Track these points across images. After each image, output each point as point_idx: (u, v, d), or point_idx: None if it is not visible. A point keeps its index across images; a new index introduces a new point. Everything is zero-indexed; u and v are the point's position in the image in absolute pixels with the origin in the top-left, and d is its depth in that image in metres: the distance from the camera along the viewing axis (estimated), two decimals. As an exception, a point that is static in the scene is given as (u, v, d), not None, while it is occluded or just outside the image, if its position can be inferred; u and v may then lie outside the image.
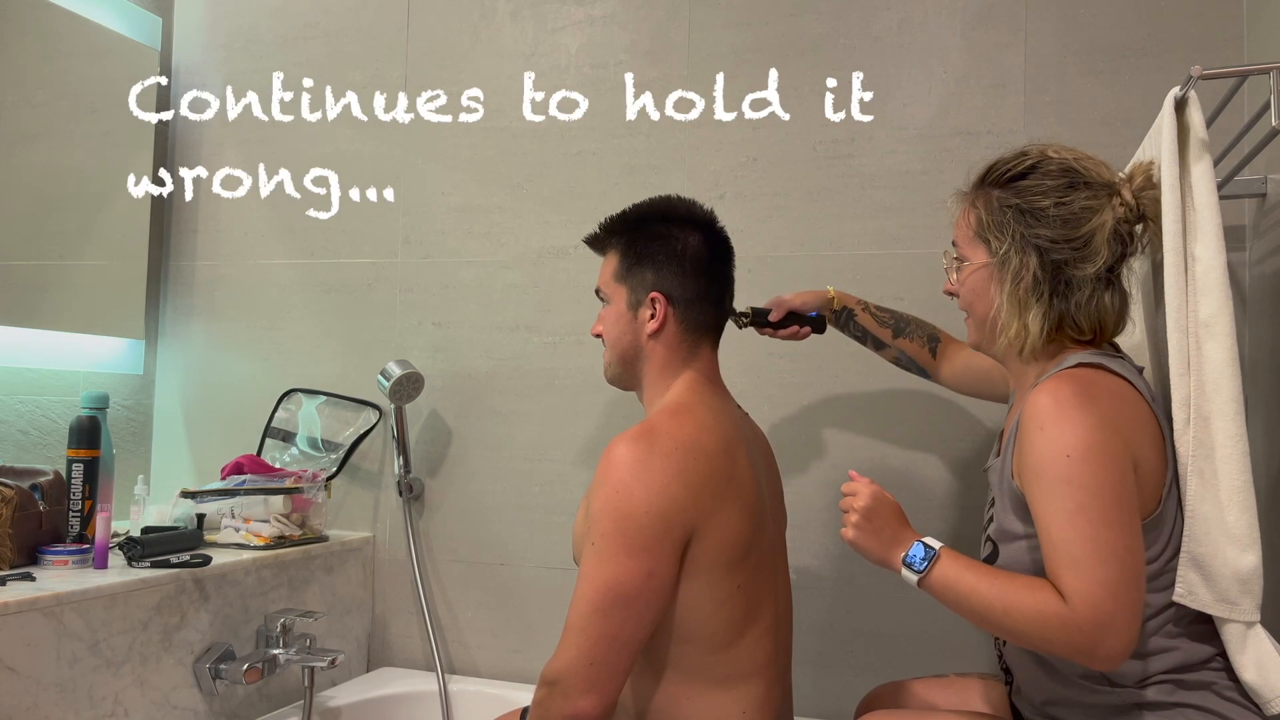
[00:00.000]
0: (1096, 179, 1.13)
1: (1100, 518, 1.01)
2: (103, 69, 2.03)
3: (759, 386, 1.83)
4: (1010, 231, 1.14)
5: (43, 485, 1.57)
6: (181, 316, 2.24)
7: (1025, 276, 1.14)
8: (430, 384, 2.03)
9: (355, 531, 2.07)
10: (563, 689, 1.14)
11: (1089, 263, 1.12)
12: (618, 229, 1.38)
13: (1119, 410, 1.06)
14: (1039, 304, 1.13)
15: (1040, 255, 1.13)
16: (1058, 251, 1.12)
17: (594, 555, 1.16)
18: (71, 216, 1.97)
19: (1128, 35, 1.67)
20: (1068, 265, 1.12)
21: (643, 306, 1.32)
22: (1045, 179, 1.14)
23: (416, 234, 2.08)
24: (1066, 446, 1.03)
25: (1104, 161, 1.16)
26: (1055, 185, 1.13)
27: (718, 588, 1.21)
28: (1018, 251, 1.14)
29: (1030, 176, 1.15)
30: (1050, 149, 1.16)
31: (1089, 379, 1.08)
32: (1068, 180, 1.13)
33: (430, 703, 1.88)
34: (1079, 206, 1.12)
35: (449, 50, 2.08)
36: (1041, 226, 1.13)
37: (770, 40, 1.86)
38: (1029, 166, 1.15)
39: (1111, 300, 1.14)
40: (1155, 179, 1.13)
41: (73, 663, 1.38)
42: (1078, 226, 1.12)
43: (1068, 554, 1.01)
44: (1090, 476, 1.02)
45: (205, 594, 1.61)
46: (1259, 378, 1.53)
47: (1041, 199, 1.13)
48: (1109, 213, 1.12)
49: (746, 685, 1.24)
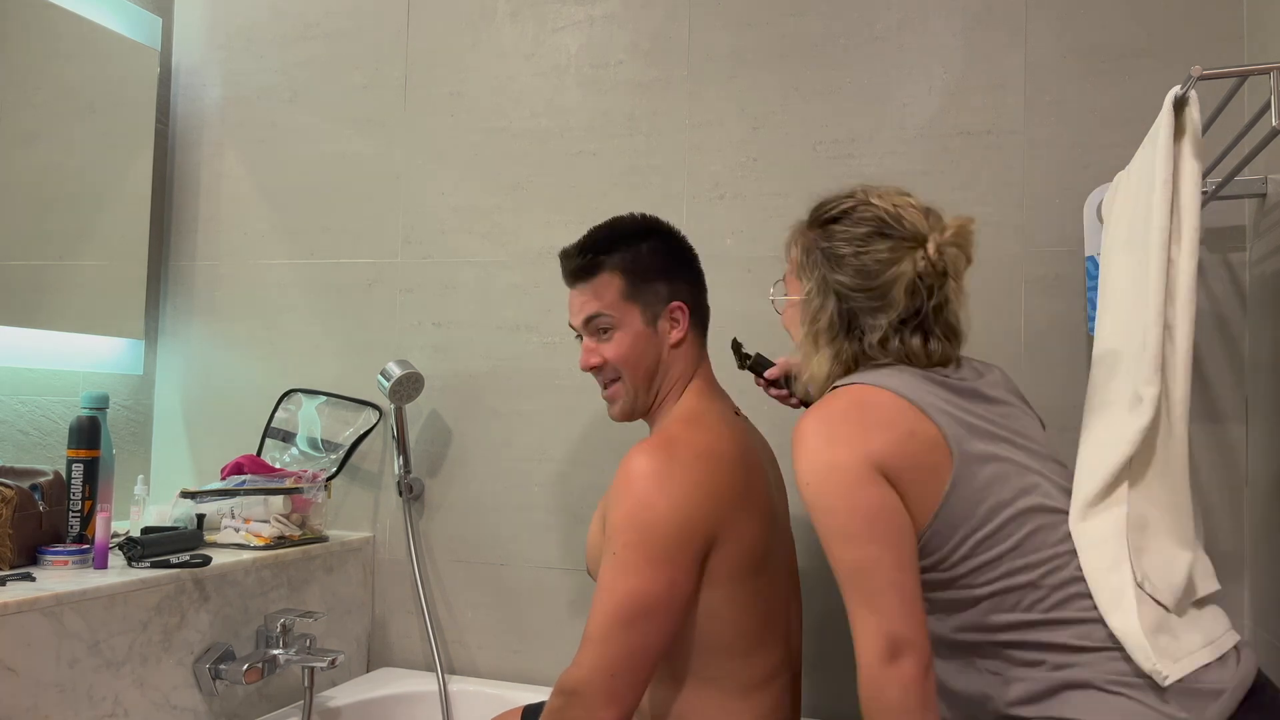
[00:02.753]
0: (905, 230, 1.14)
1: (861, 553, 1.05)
2: (103, 69, 2.03)
3: (757, 389, 1.82)
4: (815, 275, 1.18)
5: (43, 485, 1.57)
6: (181, 316, 2.24)
7: (822, 318, 1.17)
8: (430, 384, 2.03)
9: (355, 532, 2.07)
10: (583, 700, 1.13)
11: (884, 312, 1.14)
12: (606, 249, 1.34)
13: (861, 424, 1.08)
14: (829, 346, 1.17)
15: (839, 301, 1.16)
16: (854, 300, 1.15)
17: (615, 566, 1.16)
18: (71, 216, 1.97)
19: (1128, 35, 1.67)
20: (864, 313, 1.15)
21: (662, 319, 1.32)
22: (853, 226, 1.16)
23: (416, 234, 2.08)
24: (805, 477, 1.07)
25: (933, 211, 1.17)
26: (859, 234, 1.15)
27: (736, 596, 1.21)
28: (819, 294, 1.17)
29: (841, 222, 1.17)
30: (875, 195, 1.17)
31: (828, 401, 1.12)
32: (873, 229, 1.15)
33: (430, 703, 1.88)
34: (877, 258, 1.14)
35: (449, 50, 2.08)
36: (841, 273, 1.15)
37: (770, 40, 1.86)
38: (842, 211, 1.18)
39: (922, 343, 1.15)
40: (966, 233, 1.15)
41: (73, 663, 1.38)
42: (874, 277, 1.14)
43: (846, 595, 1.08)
44: (830, 498, 1.06)
45: (205, 594, 1.61)
46: (1259, 378, 1.53)
47: (844, 246, 1.16)
48: (908, 264, 1.13)
49: (762, 692, 1.24)
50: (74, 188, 1.97)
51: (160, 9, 2.22)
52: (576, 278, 1.36)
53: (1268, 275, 1.49)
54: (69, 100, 1.95)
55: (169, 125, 2.26)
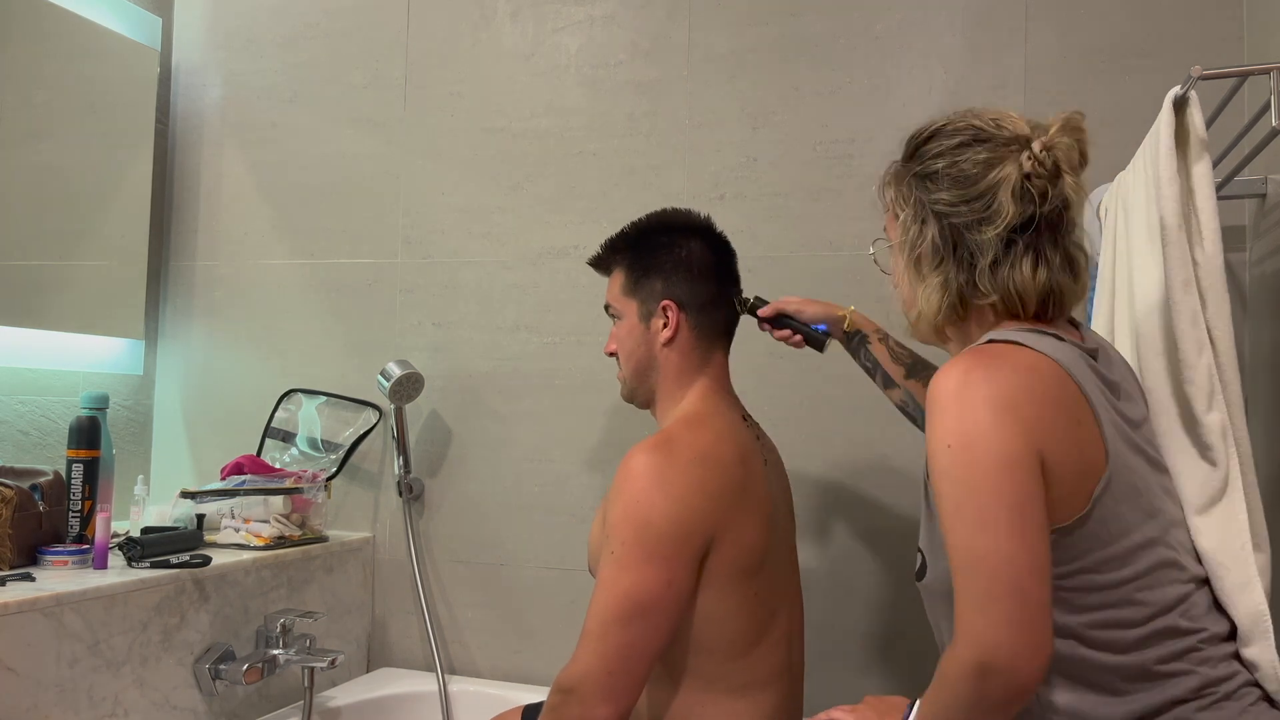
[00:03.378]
0: (1005, 134, 1.02)
1: (975, 518, 0.87)
2: (103, 69, 2.03)
3: (761, 386, 1.82)
4: (911, 201, 1.06)
5: (42, 485, 1.57)
6: (181, 317, 2.24)
7: (922, 245, 1.04)
8: (430, 384, 2.02)
9: (355, 532, 2.07)
10: (580, 697, 1.14)
11: (990, 224, 1.00)
12: (620, 246, 1.39)
13: (1026, 389, 0.92)
14: (936, 273, 1.03)
15: (939, 221, 1.03)
16: (956, 215, 1.02)
17: (613, 564, 1.16)
18: (71, 216, 1.96)
19: (1128, 35, 1.67)
20: (968, 230, 1.01)
21: (655, 316, 1.33)
22: (944, 140, 1.05)
23: (416, 234, 2.08)
24: (947, 436, 0.91)
25: (1027, 119, 1.04)
26: (951, 145, 1.04)
27: (734, 596, 1.21)
28: (916, 219, 1.05)
29: (934, 140, 1.06)
30: (972, 112, 1.06)
31: (992, 354, 0.95)
32: (965, 138, 1.03)
33: (430, 703, 1.88)
34: (974, 162, 1.01)
35: (449, 50, 2.08)
36: (938, 190, 1.03)
37: (770, 40, 1.86)
38: (935, 130, 1.06)
39: (1032, 269, 1.00)
40: (1076, 124, 1.02)
41: (72, 663, 1.38)
42: (974, 184, 1.01)
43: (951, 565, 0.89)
44: (965, 470, 0.89)
45: (205, 594, 1.61)
46: (1259, 378, 1.52)
47: (936, 161, 1.04)
48: (1012, 167, 1.00)
49: (761, 694, 1.24)
50: (74, 188, 1.97)
51: (160, 9, 2.22)
52: (597, 271, 1.43)
53: (1268, 275, 1.49)
54: (69, 100, 1.95)
55: (169, 125, 2.26)
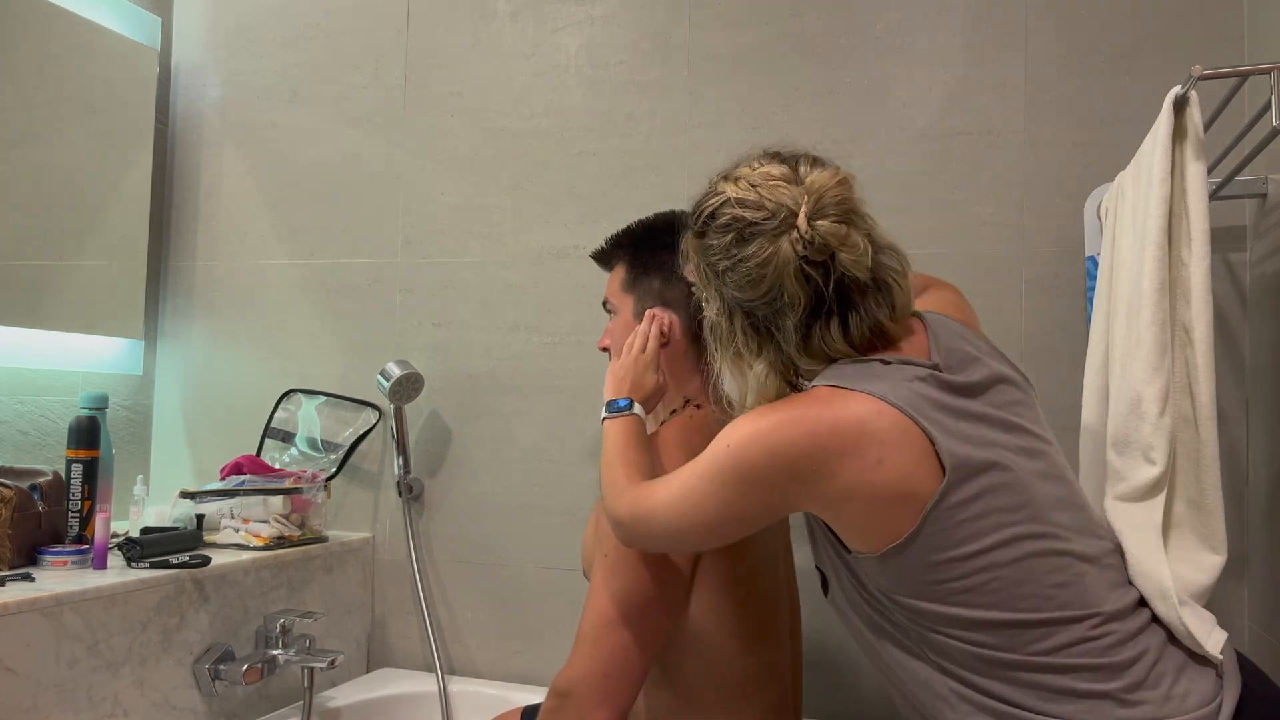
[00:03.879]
0: (768, 215, 1.01)
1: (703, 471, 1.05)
2: (103, 69, 2.03)
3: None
4: (712, 288, 1.08)
5: (42, 486, 1.57)
6: (181, 317, 2.24)
7: (736, 339, 1.07)
8: (430, 384, 2.02)
9: (355, 532, 2.07)
10: (576, 701, 1.14)
11: (789, 312, 1.01)
12: (624, 242, 1.38)
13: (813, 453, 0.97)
14: (759, 360, 1.06)
15: (745, 313, 1.05)
16: (754, 308, 1.03)
17: (606, 567, 1.16)
18: (71, 216, 1.96)
19: (1128, 35, 1.67)
20: (770, 320, 1.03)
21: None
22: (717, 235, 1.05)
23: (416, 234, 2.08)
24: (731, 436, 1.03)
25: (784, 179, 1.04)
26: (725, 242, 1.04)
27: (730, 596, 1.21)
28: (723, 313, 1.07)
29: (709, 234, 1.06)
30: (732, 181, 1.06)
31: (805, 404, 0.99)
32: (735, 234, 1.03)
33: (430, 703, 1.88)
34: (754, 262, 1.01)
35: (449, 50, 2.08)
36: (730, 287, 1.04)
37: (770, 40, 1.86)
38: (708, 217, 1.06)
39: (841, 331, 1.02)
40: (831, 199, 1.02)
41: (72, 663, 1.38)
42: (759, 284, 1.01)
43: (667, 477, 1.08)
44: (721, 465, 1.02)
45: (205, 594, 1.61)
46: (1259, 378, 1.52)
47: (719, 259, 1.05)
48: (787, 252, 1.00)
49: (758, 695, 1.24)
50: (74, 188, 1.97)
51: (160, 9, 2.22)
52: (597, 263, 1.44)
53: (1268, 275, 1.49)
54: (69, 100, 1.95)
55: (169, 125, 2.26)
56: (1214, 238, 1.58)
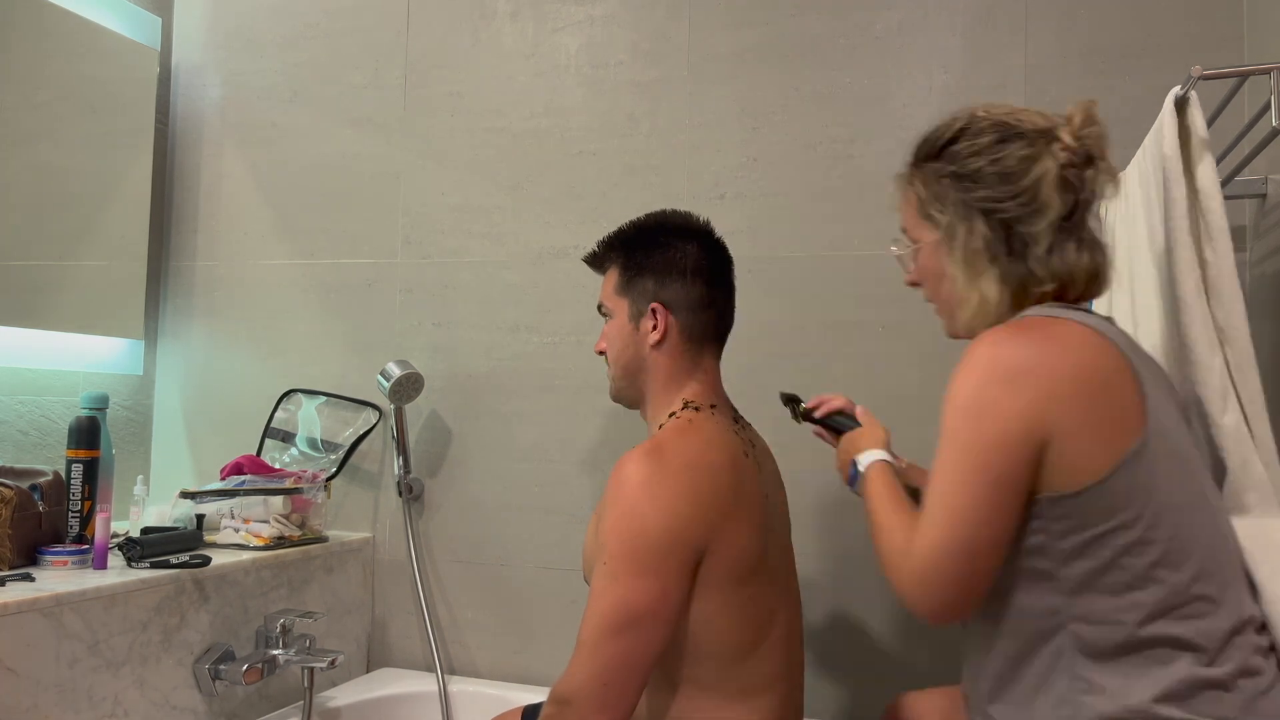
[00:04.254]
0: (1031, 128, 1.05)
1: (959, 478, 0.97)
2: (103, 69, 2.03)
3: (758, 389, 1.82)
4: (950, 200, 1.07)
5: (42, 486, 1.57)
6: (181, 317, 2.24)
7: (974, 241, 1.06)
8: (430, 384, 2.02)
9: (355, 532, 2.07)
10: (576, 709, 1.14)
11: (1040, 216, 1.03)
12: (616, 245, 1.38)
13: (1052, 361, 0.97)
14: (994, 266, 1.05)
15: (986, 218, 1.05)
16: (1004, 210, 1.04)
17: (605, 575, 1.16)
18: (71, 216, 1.96)
19: (1128, 35, 1.67)
20: (1019, 223, 1.04)
21: (644, 317, 1.32)
22: (975, 139, 1.06)
23: (416, 234, 2.08)
24: (956, 396, 0.99)
25: (1041, 111, 1.08)
26: (987, 143, 1.06)
27: (729, 602, 1.20)
28: (962, 219, 1.07)
29: (961, 140, 1.08)
30: (980, 109, 1.09)
31: (1027, 326, 1.00)
32: (998, 135, 1.05)
33: (430, 703, 1.88)
34: (1015, 159, 1.04)
35: (449, 50, 2.08)
36: (980, 188, 1.05)
37: (770, 40, 1.86)
38: (958, 131, 1.08)
39: (1079, 253, 1.04)
40: (1095, 116, 1.05)
41: (72, 663, 1.38)
42: (1018, 180, 1.03)
43: (927, 504, 0.99)
44: (966, 431, 0.97)
45: (205, 594, 1.61)
46: (1260, 378, 1.52)
47: (975, 160, 1.06)
48: (1049, 160, 1.03)
49: (760, 698, 1.23)
50: (74, 188, 1.97)
51: (160, 9, 2.22)
52: (590, 266, 1.43)
53: (1268, 276, 1.49)
54: (69, 100, 1.95)
55: (169, 125, 2.26)
56: (1214, 238, 1.59)
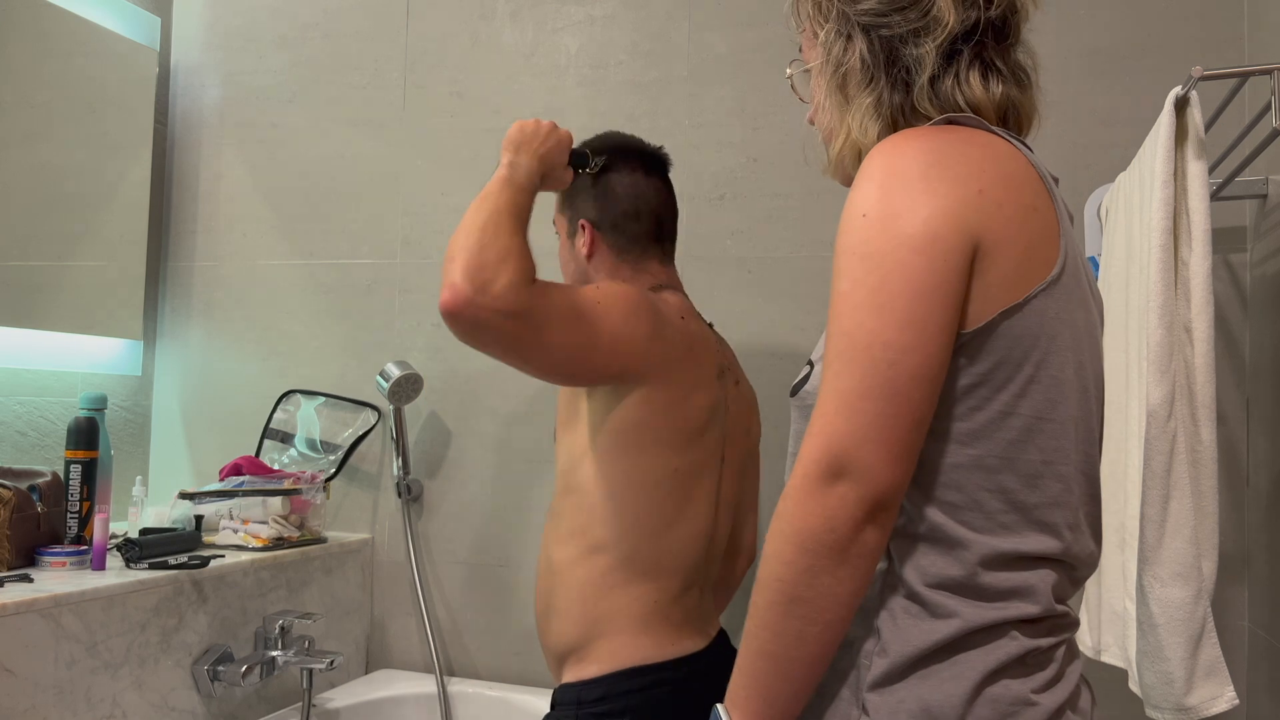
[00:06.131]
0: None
1: (869, 300, 0.74)
2: (102, 69, 2.03)
3: (758, 389, 1.82)
4: (833, 14, 0.88)
5: (40, 486, 1.57)
6: (180, 317, 2.24)
7: (848, 63, 0.87)
8: (429, 385, 2.02)
9: (354, 533, 2.07)
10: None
11: (928, 34, 0.84)
12: None
13: (973, 159, 0.78)
14: (866, 94, 0.86)
15: (867, 35, 0.86)
16: (887, 26, 0.85)
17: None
18: (71, 216, 1.96)
19: (1128, 35, 1.67)
20: (902, 42, 0.85)
21: (576, 234, 1.40)
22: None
23: (416, 234, 2.08)
24: (865, 204, 0.77)
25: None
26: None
27: (655, 467, 1.23)
28: (840, 35, 0.88)
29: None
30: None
31: (935, 128, 0.81)
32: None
33: (429, 705, 1.87)
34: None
35: (449, 50, 2.08)
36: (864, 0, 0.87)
37: (771, 40, 1.86)
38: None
39: (982, 80, 0.85)
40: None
41: (70, 664, 1.38)
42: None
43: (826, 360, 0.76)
44: (877, 242, 0.75)
45: (203, 595, 1.60)
46: (1260, 379, 1.52)
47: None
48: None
49: (665, 579, 1.25)
50: (73, 188, 1.97)
51: (159, 9, 2.22)
52: None
53: (1269, 276, 1.49)
54: (68, 100, 1.95)
55: (168, 125, 2.26)
56: (1214, 238, 1.59)
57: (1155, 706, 1.12)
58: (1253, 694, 1.51)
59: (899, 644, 0.77)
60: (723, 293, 1.86)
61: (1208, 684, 1.08)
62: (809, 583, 0.74)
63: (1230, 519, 1.57)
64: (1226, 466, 1.57)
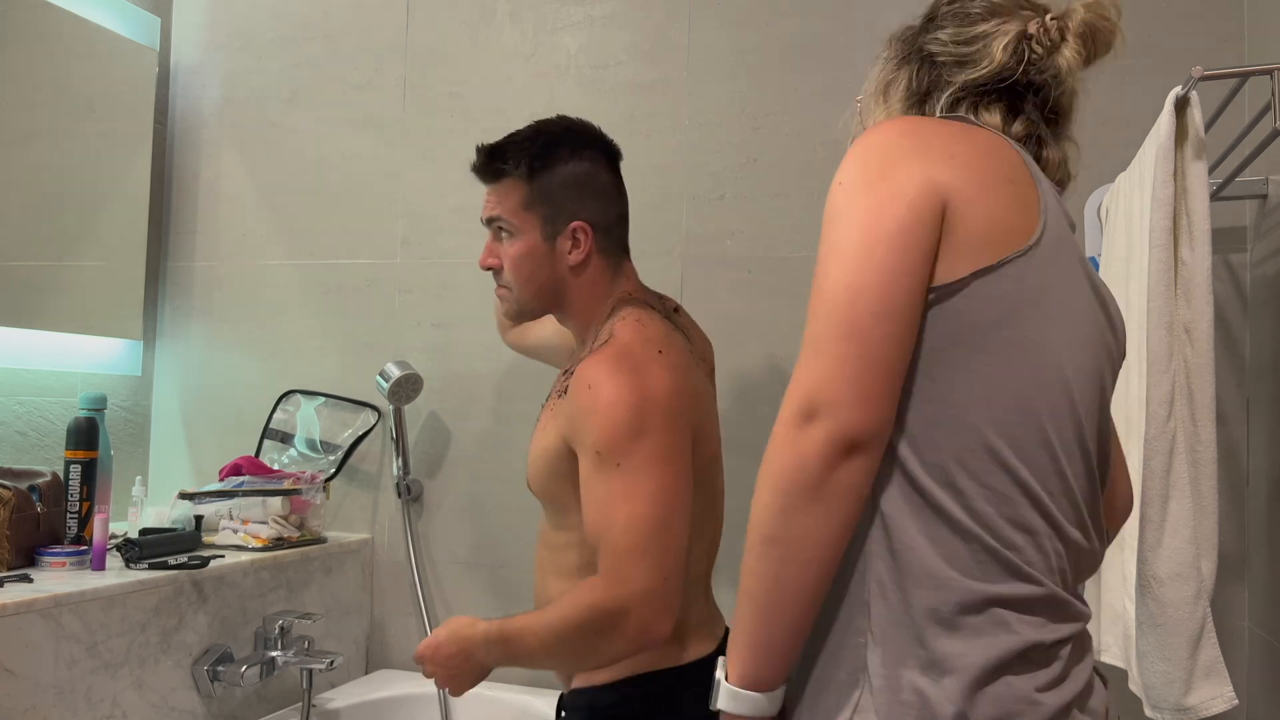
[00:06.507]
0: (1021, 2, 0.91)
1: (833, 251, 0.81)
2: (102, 69, 2.03)
3: (758, 389, 1.82)
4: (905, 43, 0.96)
5: (40, 486, 1.57)
6: (180, 317, 2.24)
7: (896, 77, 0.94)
8: (429, 385, 2.02)
9: (354, 533, 2.07)
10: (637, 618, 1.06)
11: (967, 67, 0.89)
12: (518, 154, 1.24)
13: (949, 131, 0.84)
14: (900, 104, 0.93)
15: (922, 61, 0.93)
16: (944, 54, 0.91)
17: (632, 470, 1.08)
18: (70, 216, 1.96)
19: (1128, 35, 1.66)
20: (947, 70, 0.90)
21: (562, 237, 1.23)
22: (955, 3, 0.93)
23: (415, 234, 2.08)
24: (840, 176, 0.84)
25: None
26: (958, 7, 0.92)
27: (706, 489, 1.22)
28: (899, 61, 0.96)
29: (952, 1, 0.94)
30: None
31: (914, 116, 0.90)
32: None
33: (429, 705, 1.87)
34: (982, 5, 0.91)
35: (449, 50, 2.08)
36: (937, 29, 0.93)
37: (770, 40, 1.86)
38: None
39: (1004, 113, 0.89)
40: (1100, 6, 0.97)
41: (70, 665, 1.37)
42: (972, 24, 0.90)
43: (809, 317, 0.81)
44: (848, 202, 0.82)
45: (203, 596, 1.60)
46: (1260, 378, 1.52)
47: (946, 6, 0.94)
48: (1016, 23, 0.89)
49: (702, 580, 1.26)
50: (73, 188, 1.97)
51: (159, 9, 2.22)
52: (481, 178, 1.29)
53: (1269, 276, 1.49)
54: (68, 100, 1.95)
55: (167, 125, 2.26)
56: (1215, 238, 1.59)
57: (1155, 706, 1.12)
58: (1252, 694, 1.51)
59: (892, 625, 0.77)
60: (723, 293, 1.86)
61: (1207, 684, 1.08)
62: (784, 522, 0.75)
63: (1230, 519, 1.57)
64: (1226, 466, 1.57)
